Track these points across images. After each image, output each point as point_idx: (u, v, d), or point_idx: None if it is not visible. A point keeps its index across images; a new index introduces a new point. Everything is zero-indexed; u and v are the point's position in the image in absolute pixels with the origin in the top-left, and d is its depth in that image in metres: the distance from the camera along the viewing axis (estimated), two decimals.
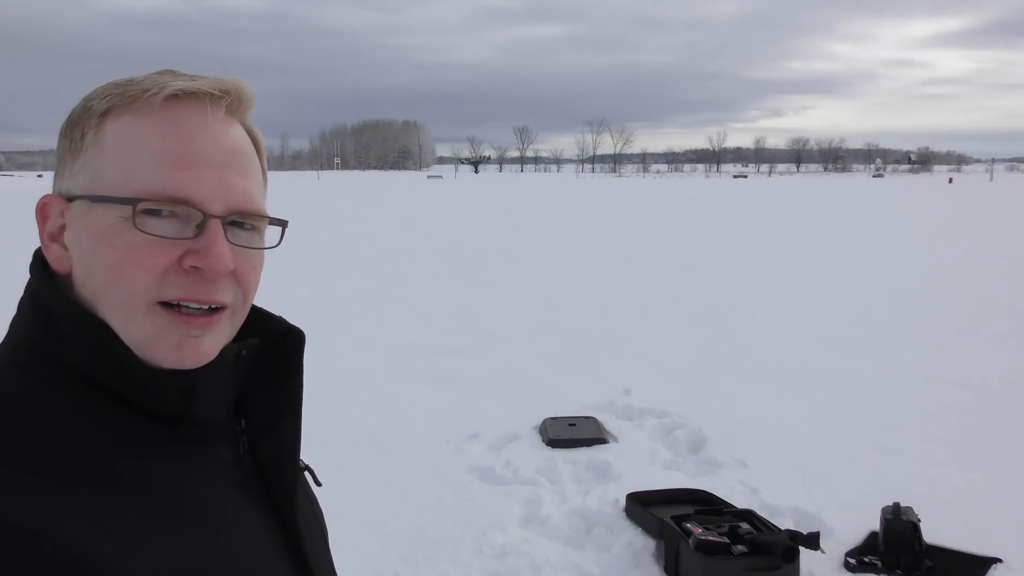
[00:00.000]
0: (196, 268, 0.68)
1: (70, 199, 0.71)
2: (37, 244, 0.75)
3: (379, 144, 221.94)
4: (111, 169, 0.69)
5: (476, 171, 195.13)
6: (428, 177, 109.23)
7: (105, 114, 0.70)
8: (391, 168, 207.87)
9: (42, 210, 0.73)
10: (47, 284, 0.72)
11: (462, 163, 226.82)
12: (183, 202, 0.68)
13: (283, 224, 0.78)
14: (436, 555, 3.67)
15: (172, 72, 0.73)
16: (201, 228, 0.69)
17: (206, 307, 0.69)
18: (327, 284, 11.31)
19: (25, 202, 36.85)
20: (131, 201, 0.67)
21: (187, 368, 0.70)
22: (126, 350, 0.68)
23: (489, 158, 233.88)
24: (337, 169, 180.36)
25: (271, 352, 0.81)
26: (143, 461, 0.67)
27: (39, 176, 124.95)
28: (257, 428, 0.80)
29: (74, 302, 0.70)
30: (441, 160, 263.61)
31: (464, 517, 4.04)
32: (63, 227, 0.72)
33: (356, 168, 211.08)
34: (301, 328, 0.83)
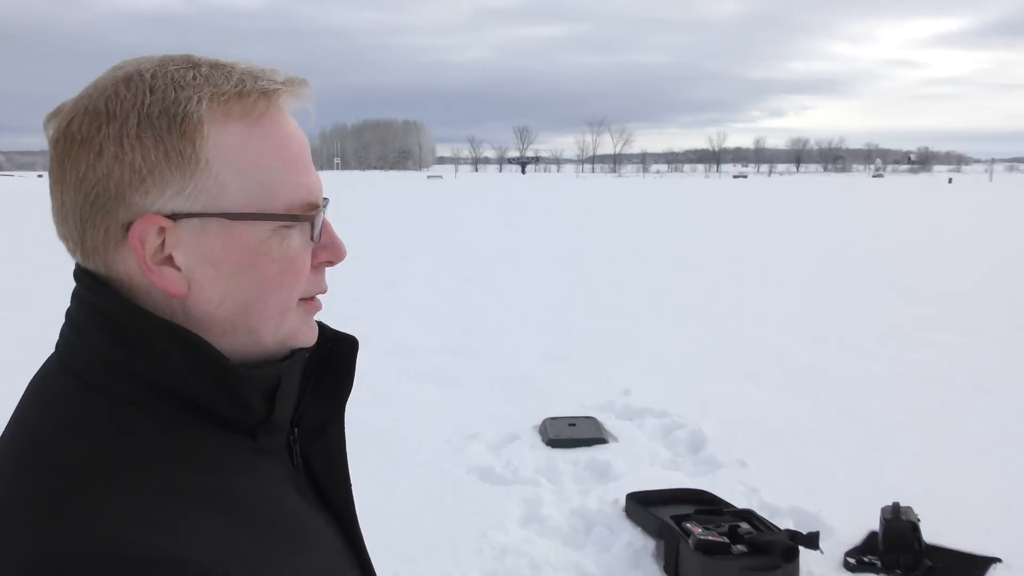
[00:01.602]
0: (327, 263, 0.74)
1: (175, 217, 0.65)
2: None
3: (379, 144, 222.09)
4: (245, 183, 0.66)
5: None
6: (428, 177, 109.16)
7: (206, 121, 0.65)
8: (391, 168, 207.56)
9: (138, 235, 0.65)
10: (121, 300, 0.66)
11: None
12: (317, 206, 0.71)
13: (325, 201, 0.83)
14: (436, 555, 3.67)
15: (252, 64, 0.70)
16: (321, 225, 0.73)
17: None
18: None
19: (25, 202, 36.85)
20: (284, 218, 0.68)
21: (311, 344, 0.75)
22: (220, 356, 0.66)
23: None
24: (337, 169, 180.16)
25: (320, 359, 0.80)
26: (237, 477, 0.66)
27: (39, 176, 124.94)
28: (307, 436, 0.79)
29: (161, 318, 0.66)
30: (441, 160, 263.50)
31: (464, 517, 4.04)
32: (162, 245, 0.65)
33: (356, 168, 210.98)
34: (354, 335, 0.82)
